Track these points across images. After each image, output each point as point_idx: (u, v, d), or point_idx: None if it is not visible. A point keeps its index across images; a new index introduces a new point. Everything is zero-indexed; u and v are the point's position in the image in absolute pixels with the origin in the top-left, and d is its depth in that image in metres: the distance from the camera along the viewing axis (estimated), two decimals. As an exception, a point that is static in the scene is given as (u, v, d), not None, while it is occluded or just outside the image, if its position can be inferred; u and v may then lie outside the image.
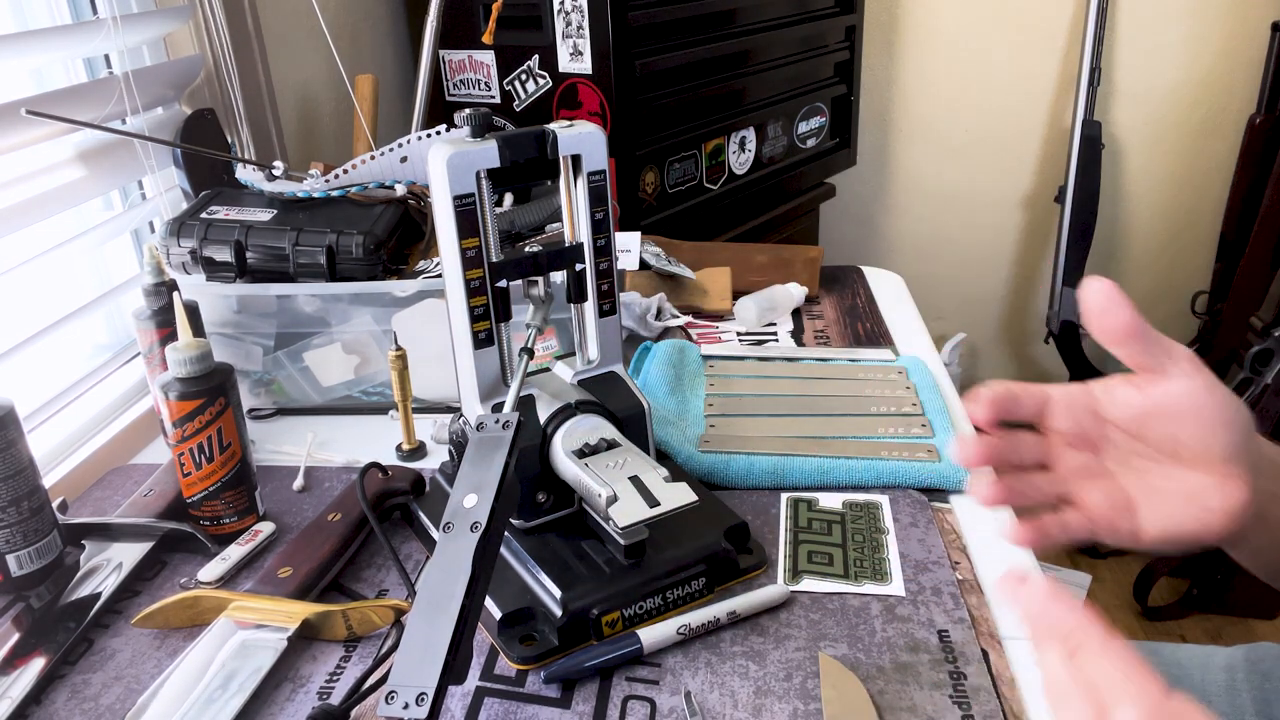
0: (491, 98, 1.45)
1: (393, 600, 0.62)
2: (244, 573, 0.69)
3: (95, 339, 1.02)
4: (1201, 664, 0.77)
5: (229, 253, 0.87)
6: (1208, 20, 1.95)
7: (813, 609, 0.62)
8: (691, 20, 1.43)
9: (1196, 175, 2.07)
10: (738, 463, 0.76)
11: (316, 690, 0.57)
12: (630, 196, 1.37)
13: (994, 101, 2.08)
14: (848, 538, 0.69)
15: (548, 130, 0.62)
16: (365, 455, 0.78)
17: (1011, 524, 0.48)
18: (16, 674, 0.58)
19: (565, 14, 1.30)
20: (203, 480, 0.70)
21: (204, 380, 0.68)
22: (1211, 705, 0.74)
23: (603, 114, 1.33)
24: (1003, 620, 0.61)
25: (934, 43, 2.05)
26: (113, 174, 0.96)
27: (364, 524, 0.70)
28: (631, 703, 0.55)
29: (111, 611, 0.65)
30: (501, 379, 0.66)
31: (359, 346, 0.90)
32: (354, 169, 0.90)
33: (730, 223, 1.61)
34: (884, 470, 0.75)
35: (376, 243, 0.87)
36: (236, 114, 1.12)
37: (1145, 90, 2.02)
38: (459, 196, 0.60)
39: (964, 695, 0.54)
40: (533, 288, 0.66)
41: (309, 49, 1.29)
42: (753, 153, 1.62)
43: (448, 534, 0.51)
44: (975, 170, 2.14)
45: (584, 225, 0.65)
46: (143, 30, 0.99)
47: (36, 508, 0.66)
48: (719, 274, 1.14)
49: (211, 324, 0.87)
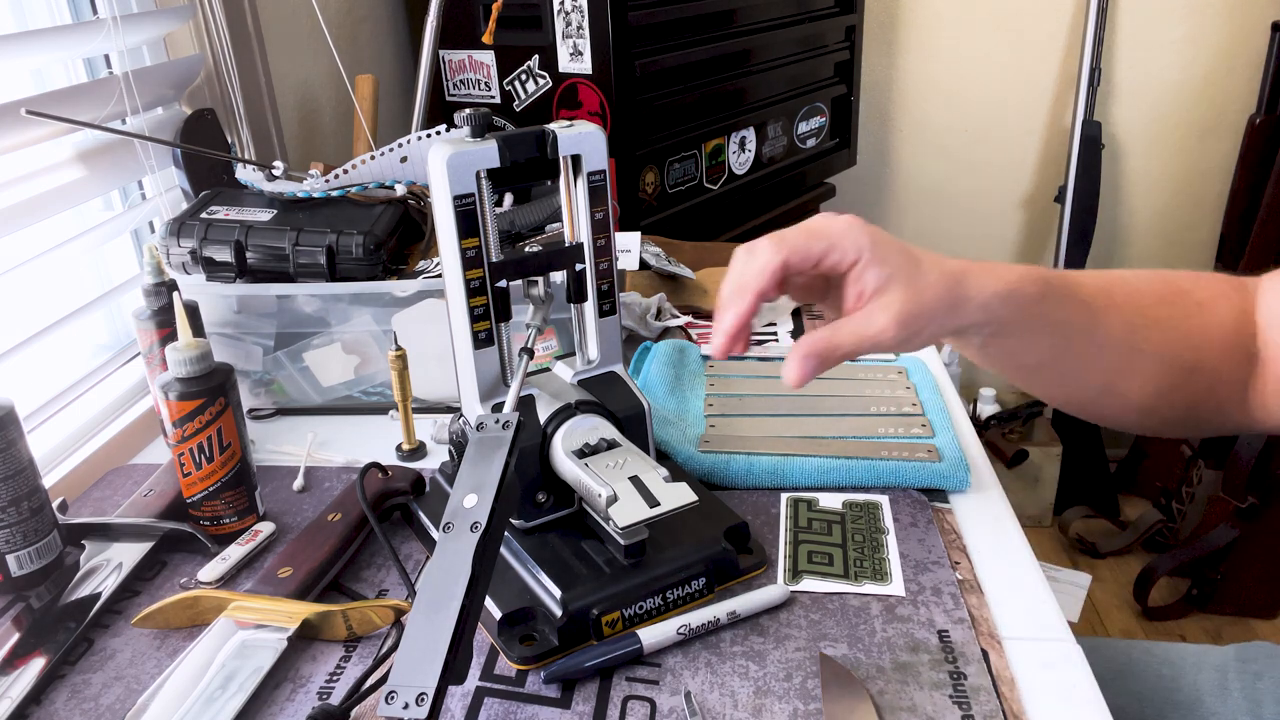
0: (491, 98, 1.45)
1: (393, 600, 0.62)
2: (244, 573, 0.69)
3: (95, 339, 1.02)
4: (1194, 663, 0.78)
5: (229, 253, 0.87)
6: (1208, 20, 1.95)
7: (813, 609, 0.62)
8: (691, 20, 1.43)
9: (1196, 175, 2.07)
10: (738, 463, 0.76)
11: (316, 690, 0.57)
12: (630, 196, 1.37)
13: (994, 101, 2.08)
14: (848, 538, 0.69)
15: (548, 130, 0.62)
16: (365, 455, 0.78)
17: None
18: (16, 674, 0.58)
19: (565, 14, 1.30)
20: (203, 480, 0.70)
21: (204, 380, 0.68)
22: (1204, 704, 0.74)
23: (603, 114, 1.33)
24: (1003, 620, 0.61)
25: (934, 43, 2.05)
26: (113, 174, 0.96)
27: (364, 524, 0.70)
28: (631, 703, 0.55)
29: (111, 611, 0.65)
30: (501, 379, 0.66)
31: (359, 346, 0.90)
32: (354, 169, 0.90)
33: (730, 223, 1.61)
34: (884, 470, 0.75)
35: (376, 243, 0.87)
36: (236, 114, 1.12)
37: (1145, 90, 2.02)
38: (459, 196, 0.60)
39: (964, 695, 0.54)
40: (533, 288, 0.66)
41: (309, 49, 1.29)
42: (753, 153, 1.62)
43: (448, 534, 0.51)
44: (975, 170, 2.14)
45: (584, 225, 0.65)
46: (143, 30, 0.99)
47: (36, 508, 0.66)
48: (719, 274, 1.14)
49: (211, 324, 0.87)
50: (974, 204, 2.17)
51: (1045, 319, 0.58)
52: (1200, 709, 0.74)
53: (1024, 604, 0.62)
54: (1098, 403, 0.65)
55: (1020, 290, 0.56)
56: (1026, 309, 0.57)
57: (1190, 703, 0.75)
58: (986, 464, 0.78)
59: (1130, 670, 0.78)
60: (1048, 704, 0.54)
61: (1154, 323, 0.61)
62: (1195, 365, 0.61)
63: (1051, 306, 0.58)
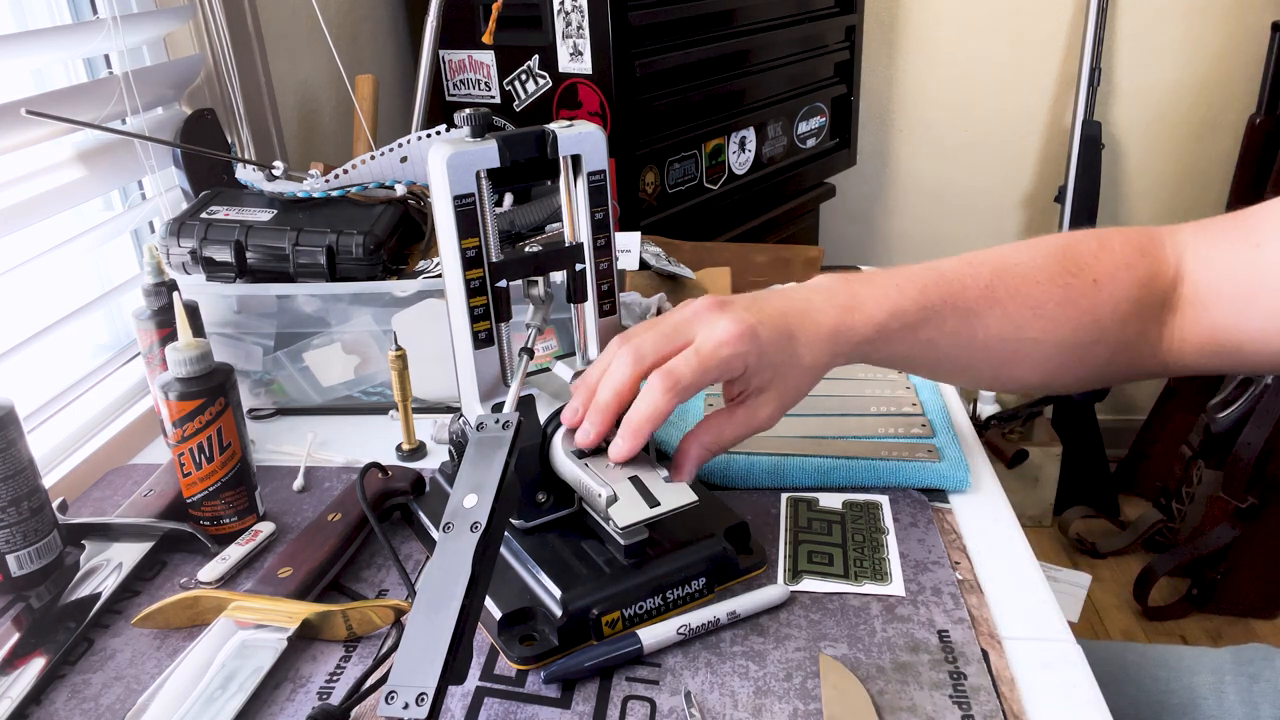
0: (491, 98, 1.45)
1: (393, 600, 0.62)
2: (244, 573, 0.69)
3: (95, 339, 1.02)
4: (1190, 666, 0.77)
5: (229, 253, 0.87)
6: (1208, 20, 1.95)
7: (813, 609, 0.62)
8: (691, 20, 1.43)
9: (1196, 175, 2.07)
10: (738, 463, 0.76)
11: (316, 690, 0.57)
12: (630, 196, 1.37)
13: (994, 101, 2.08)
14: (848, 538, 0.69)
15: (548, 130, 0.62)
16: (365, 455, 0.78)
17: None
18: (16, 674, 0.58)
19: (565, 14, 1.31)
20: (203, 480, 0.70)
21: (204, 380, 0.68)
22: (1200, 707, 0.74)
23: (603, 114, 1.33)
24: (1003, 620, 0.61)
25: (934, 43, 2.05)
26: (113, 174, 0.96)
27: (364, 524, 0.70)
28: (631, 703, 0.55)
29: (111, 611, 0.65)
30: (501, 379, 0.65)
31: (359, 346, 0.90)
32: (354, 169, 0.90)
33: (730, 223, 1.61)
34: (884, 470, 0.75)
35: (376, 243, 0.87)
36: (236, 114, 1.12)
37: (1145, 90, 2.02)
38: (459, 196, 0.60)
39: (964, 695, 0.54)
40: (533, 288, 0.66)
41: (309, 49, 1.29)
42: (753, 153, 1.62)
43: (448, 534, 0.51)
44: (975, 170, 2.14)
45: (584, 225, 0.65)
46: (143, 30, 0.99)
47: (36, 508, 0.66)
48: (719, 274, 1.14)
49: (211, 324, 0.87)
50: (974, 204, 2.17)
51: (920, 342, 0.63)
52: (1196, 712, 0.74)
53: (1024, 604, 0.62)
54: (993, 384, 0.71)
55: (890, 326, 0.62)
56: (902, 338, 0.62)
57: (1186, 705, 0.75)
58: (986, 464, 0.78)
59: (1126, 673, 0.78)
60: (1048, 704, 0.54)
61: (1042, 312, 0.64)
62: (1093, 340, 0.65)
63: (928, 329, 0.63)
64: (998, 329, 0.64)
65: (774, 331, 0.59)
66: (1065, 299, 0.64)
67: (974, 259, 0.66)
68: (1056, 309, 0.64)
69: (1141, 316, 0.65)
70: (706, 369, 0.57)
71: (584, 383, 0.60)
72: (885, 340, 0.62)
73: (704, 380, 0.57)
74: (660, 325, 0.60)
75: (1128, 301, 0.64)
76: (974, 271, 0.65)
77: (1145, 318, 0.65)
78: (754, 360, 0.58)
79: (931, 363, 0.66)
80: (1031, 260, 0.65)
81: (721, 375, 0.58)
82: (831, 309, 0.62)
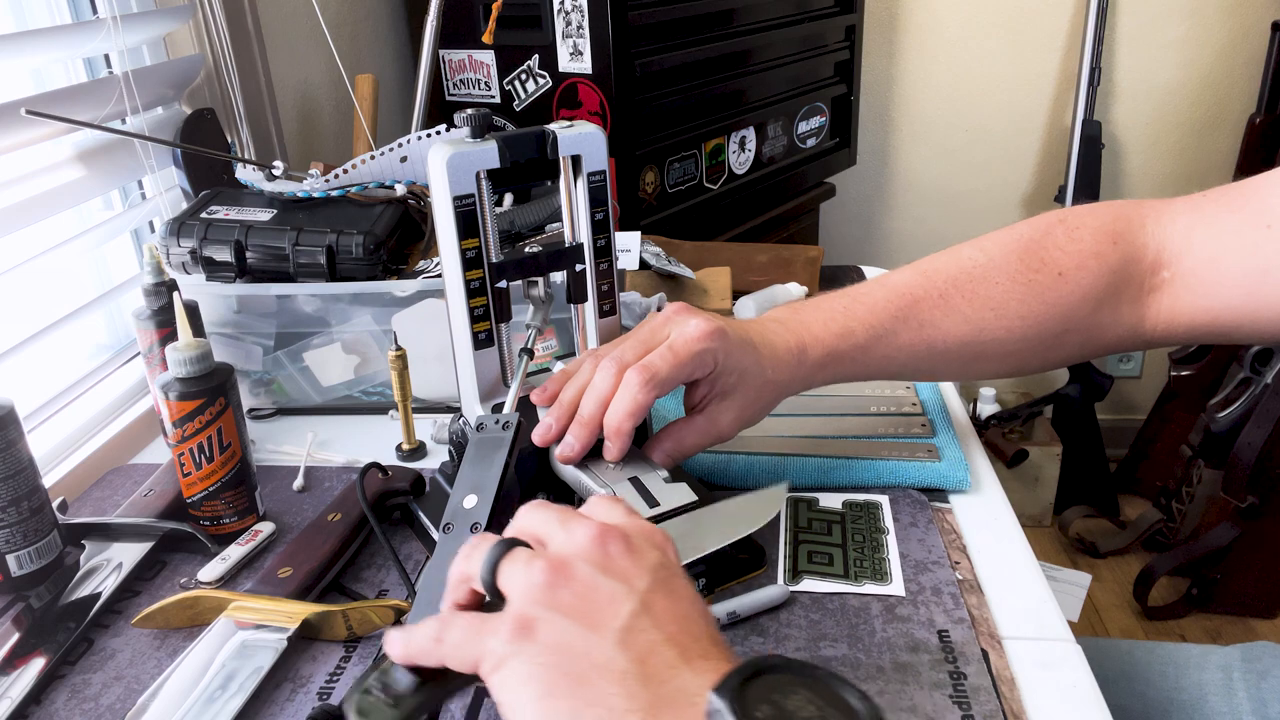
0: (491, 98, 1.45)
1: (393, 600, 0.62)
2: (244, 573, 0.69)
3: (95, 339, 1.02)
4: (1198, 663, 0.78)
5: (229, 253, 0.87)
6: (1208, 20, 1.95)
7: (813, 609, 0.62)
8: (691, 20, 1.43)
9: (1196, 175, 2.07)
10: (738, 463, 0.76)
11: (316, 690, 0.57)
12: (630, 196, 1.37)
13: (994, 101, 2.08)
14: (848, 538, 0.69)
15: (548, 130, 0.62)
16: (365, 455, 0.78)
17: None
18: (16, 674, 0.58)
19: (565, 14, 1.31)
20: (203, 480, 0.70)
21: (204, 380, 0.68)
22: (1208, 704, 0.74)
23: (603, 114, 1.33)
24: (1003, 620, 0.61)
25: (934, 42, 2.05)
26: (113, 174, 0.96)
27: (364, 524, 0.70)
28: (631, 703, 0.55)
29: (111, 611, 0.65)
30: (501, 379, 0.66)
31: (359, 346, 0.90)
32: (354, 169, 0.90)
33: (730, 223, 1.61)
34: (884, 470, 0.75)
35: (376, 243, 0.87)
36: (236, 114, 1.12)
37: (1145, 90, 2.02)
38: (459, 197, 0.60)
39: (964, 695, 0.54)
40: (533, 288, 0.66)
41: (309, 49, 1.29)
42: (753, 152, 1.62)
43: (448, 534, 0.51)
44: (975, 170, 2.14)
45: (584, 225, 0.65)
46: (143, 30, 0.99)
47: (36, 508, 0.66)
48: (719, 274, 1.14)
49: (211, 324, 0.87)
50: (974, 204, 2.17)
51: (876, 358, 0.65)
52: (1204, 709, 0.74)
53: (1024, 604, 0.62)
54: (962, 379, 0.72)
55: (839, 348, 0.64)
56: (854, 357, 0.65)
57: (1194, 703, 0.75)
58: (986, 464, 0.78)
59: (1135, 671, 0.78)
60: (1048, 704, 0.54)
61: (1004, 311, 0.65)
62: (1061, 330, 0.66)
63: (881, 346, 0.65)
64: (957, 334, 0.65)
65: (739, 337, 0.62)
66: (1028, 295, 0.65)
67: (929, 268, 0.67)
68: (1019, 306, 0.65)
69: (1116, 302, 0.65)
70: (681, 362, 0.59)
71: (560, 403, 0.62)
72: (837, 361, 0.65)
73: (679, 374, 0.59)
74: (635, 335, 0.62)
75: (1098, 289, 0.64)
76: (927, 282, 0.66)
77: (1120, 302, 0.65)
78: (723, 358, 0.60)
79: (893, 373, 0.68)
80: (990, 260, 0.66)
81: (695, 369, 0.60)
82: (785, 334, 0.64)
